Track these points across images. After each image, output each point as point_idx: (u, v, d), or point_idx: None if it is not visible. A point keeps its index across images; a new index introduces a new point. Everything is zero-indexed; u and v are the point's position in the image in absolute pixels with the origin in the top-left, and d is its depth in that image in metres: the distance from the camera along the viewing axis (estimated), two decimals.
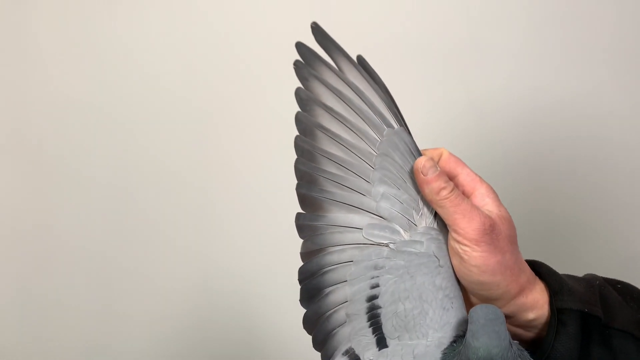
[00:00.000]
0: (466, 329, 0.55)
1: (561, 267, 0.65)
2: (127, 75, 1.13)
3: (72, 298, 1.17)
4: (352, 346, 0.59)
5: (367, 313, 0.59)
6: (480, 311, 0.55)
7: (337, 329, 0.59)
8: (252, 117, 1.12)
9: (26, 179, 1.17)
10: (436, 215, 0.60)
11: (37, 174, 1.16)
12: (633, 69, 1.04)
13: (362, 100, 0.58)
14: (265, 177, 1.12)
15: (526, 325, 0.62)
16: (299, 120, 0.58)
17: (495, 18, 1.06)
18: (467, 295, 0.62)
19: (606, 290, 0.63)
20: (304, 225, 0.59)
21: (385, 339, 0.58)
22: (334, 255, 0.59)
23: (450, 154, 0.61)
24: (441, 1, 1.07)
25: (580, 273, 0.65)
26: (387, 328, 0.58)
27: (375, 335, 0.58)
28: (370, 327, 0.58)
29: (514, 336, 0.61)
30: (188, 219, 1.15)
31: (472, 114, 1.06)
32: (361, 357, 0.58)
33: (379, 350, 0.58)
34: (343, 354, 0.59)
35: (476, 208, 0.58)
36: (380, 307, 0.58)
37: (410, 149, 0.59)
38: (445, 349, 0.56)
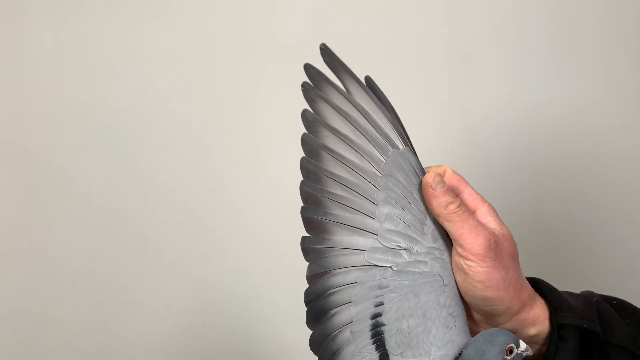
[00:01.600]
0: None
1: (559, 282, 0.66)
2: (124, 84, 1.13)
3: (66, 307, 1.17)
4: None
5: (371, 330, 0.60)
6: (484, 331, 0.58)
7: (342, 347, 0.60)
8: (254, 130, 1.13)
9: (21, 189, 1.16)
10: (439, 236, 0.61)
11: (33, 184, 1.16)
12: (631, 80, 1.05)
13: (368, 121, 0.59)
14: (270, 196, 1.12)
15: (528, 342, 0.63)
16: (305, 141, 0.59)
17: (489, 32, 1.07)
18: (470, 311, 0.63)
19: (603, 307, 0.64)
20: (309, 249, 0.60)
21: (388, 355, 0.59)
22: (338, 277, 0.60)
23: (454, 171, 0.63)
24: (433, 15, 1.08)
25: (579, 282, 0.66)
26: (390, 344, 0.59)
27: (378, 352, 0.59)
28: (373, 343, 0.59)
29: None
30: (187, 231, 1.15)
31: (465, 128, 1.07)
32: None
33: None
34: None
35: (482, 224, 0.60)
36: (384, 325, 0.59)
37: (415, 170, 0.60)
38: None
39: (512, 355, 0.57)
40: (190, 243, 1.15)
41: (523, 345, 0.59)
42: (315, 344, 0.61)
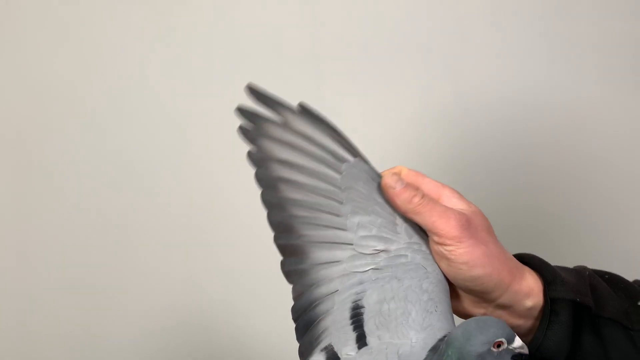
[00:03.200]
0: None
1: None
2: (116, 82, 1.12)
3: (56, 305, 1.15)
4: (332, 342, 0.61)
5: (351, 311, 0.61)
6: (482, 316, 0.59)
7: (321, 318, 0.62)
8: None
9: (12, 177, 1.14)
10: (413, 232, 0.62)
11: (19, 182, 1.14)
12: (623, 65, 1.02)
13: (313, 144, 0.61)
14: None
15: (525, 315, 0.64)
16: (259, 178, 0.61)
17: (482, 12, 1.04)
18: (465, 297, 0.64)
19: (595, 281, 0.64)
20: (290, 271, 0.62)
21: (365, 336, 0.60)
22: (322, 288, 0.62)
23: (409, 169, 0.63)
24: None
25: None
26: (368, 326, 0.60)
27: (355, 332, 0.60)
28: (352, 324, 0.61)
29: (514, 328, 0.61)
30: (177, 230, 1.13)
31: (458, 109, 1.05)
32: (339, 353, 0.59)
33: (359, 347, 0.59)
34: (321, 350, 0.61)
35: (449, 208, 0.61)
36: (363, 307, 0.61)
37: (370, 176, 0.61)
38: (430, 349, 0.57)
39: (500, 349, 0.55)
40: (180, 242, 1.13)
41: (518, 342, 0.56)
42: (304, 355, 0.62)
